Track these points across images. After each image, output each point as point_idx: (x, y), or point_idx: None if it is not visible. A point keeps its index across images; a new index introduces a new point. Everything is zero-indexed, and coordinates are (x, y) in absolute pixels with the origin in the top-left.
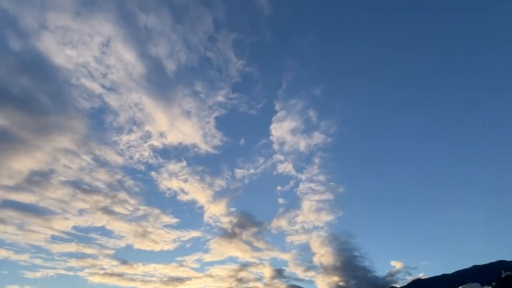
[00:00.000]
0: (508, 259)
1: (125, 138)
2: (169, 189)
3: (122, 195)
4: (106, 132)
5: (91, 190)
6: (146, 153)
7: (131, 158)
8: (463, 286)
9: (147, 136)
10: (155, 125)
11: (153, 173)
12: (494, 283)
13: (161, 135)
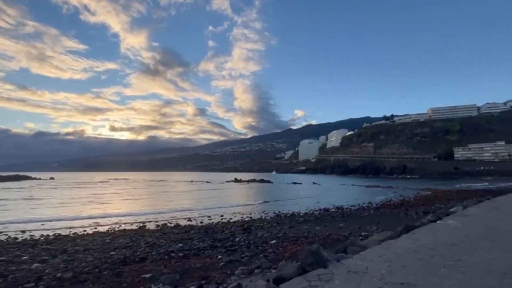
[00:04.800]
0: (372, 116)
1: None
2: (65, 2)
3: None
4: None
5: None
6: None
7: None
8: (336, 130)
9: None
10: None
11: None
12: (356, 130)
13: None
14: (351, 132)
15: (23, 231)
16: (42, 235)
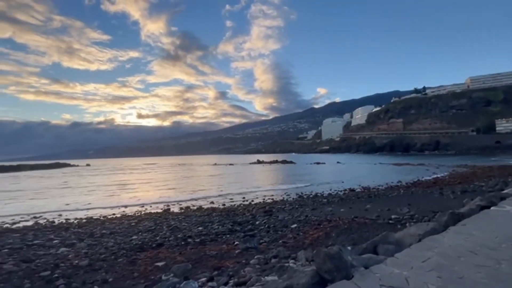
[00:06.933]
0: (401, 89)
1: None
2: None
3: None
4: None
5: None
6: None
7: None
8: (362, 107)
9: None
10: None
11: None
12: (383, 105)
13: None
14: (377, 108)
15: (60, 215)
16: (76, 218)
